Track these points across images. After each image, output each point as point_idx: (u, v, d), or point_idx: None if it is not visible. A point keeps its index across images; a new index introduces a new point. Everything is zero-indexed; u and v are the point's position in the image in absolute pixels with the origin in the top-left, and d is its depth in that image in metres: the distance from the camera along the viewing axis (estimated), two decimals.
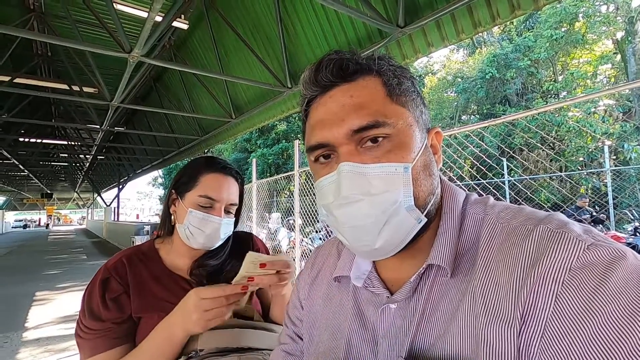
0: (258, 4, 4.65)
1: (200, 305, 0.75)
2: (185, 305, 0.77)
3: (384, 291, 0.49)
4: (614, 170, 8.42)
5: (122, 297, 0.86)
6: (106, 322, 0.83)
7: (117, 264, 0.91)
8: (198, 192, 0.92)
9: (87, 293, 0.87)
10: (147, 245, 1.01)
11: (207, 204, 0.91)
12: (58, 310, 5.05)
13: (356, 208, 0.42)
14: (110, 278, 0.87)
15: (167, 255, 0.98)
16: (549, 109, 2.82)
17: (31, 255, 12.75)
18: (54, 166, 20.95)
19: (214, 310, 0.75)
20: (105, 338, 0.82)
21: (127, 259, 0.92)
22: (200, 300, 0.75)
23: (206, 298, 0.75)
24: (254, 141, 20.21)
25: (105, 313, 0.83)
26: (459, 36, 3.15)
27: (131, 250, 0.96)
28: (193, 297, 0.76)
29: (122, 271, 0.89)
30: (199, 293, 0.76)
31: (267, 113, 6.06)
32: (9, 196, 39.85)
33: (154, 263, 0.95)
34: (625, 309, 0.30)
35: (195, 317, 0.75)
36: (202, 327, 0.76)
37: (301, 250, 5.14)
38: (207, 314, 0.75)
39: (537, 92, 14.23)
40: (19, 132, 11.13)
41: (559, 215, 0.41)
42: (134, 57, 3.83)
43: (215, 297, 0.75)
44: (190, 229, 0.90)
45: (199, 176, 0.94)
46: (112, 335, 0.83)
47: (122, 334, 0.84)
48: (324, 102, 0.46)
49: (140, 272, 0.91)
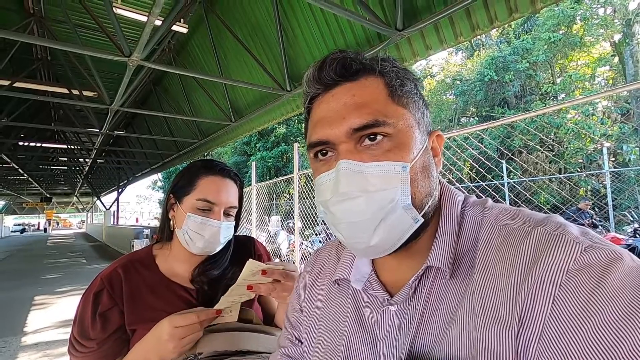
0: (257, 7, 4.67)
1: (175, 334, 0.74)
2: (160, 334, 0.76)
3: (384, 293, 0.49)
4: (613, 171, 8.43)
5: (111, 312, 0.85)
6: (93, 340, 0.83)
7: (112, 275, 0.88)
8: (196, 196, 0.90)
9: (81, 304, 0.86)
10: (144, 252, 0.98)
11: (206, 207, 0.89)
12: (57, 314, 5.03)
13: (353, 204, 0.42)
14: (103, 291, 0.86)
15: (164, 262, 0.95)
16: (547, 111, 2.83)
17: (30, 259, 12.72)
18: (53, 170, 20.93)
19: (189, 337, 0.75)
20: (93, 356, 0.84)
21: (123, 269, 0.90)
22: (175, 329, 0.74)
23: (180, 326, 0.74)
24: (254, 144, 20.22)
25: (94, 332, 0.83)
26: (457, 39, 3.17)
27: (127, 259, 0.94)
28: (167, 327, 0.75)
29: (116, 283, 0.87)
30: (172, 322, 0.75)
31: (267, 116, 6.07)
32: (9, 200, 39.81)
33: (150, 271, 0.93)
34: (622, 311, 0.30)
35: (171, 346, 0.74)
36: (178, 354, 0.76)
37: (301, 253, 5.13)
38: (183, 341, 0.74)
39: (536, 94, 14.28)
40: (19, 136, 11.14)
41: (556, 218, 0.41)
42: (134, 61, 3.84)
43: (189, 325, 0.74)
44: (189, 234, 0.88)
45: (197, 179, 0.92)
46: (100, 355, 0.84)
47: (110, 351, 0.85)
48: (326, 100, 0.46)
49: (136, 282, 0.89)
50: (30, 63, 7.09)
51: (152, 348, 0.77)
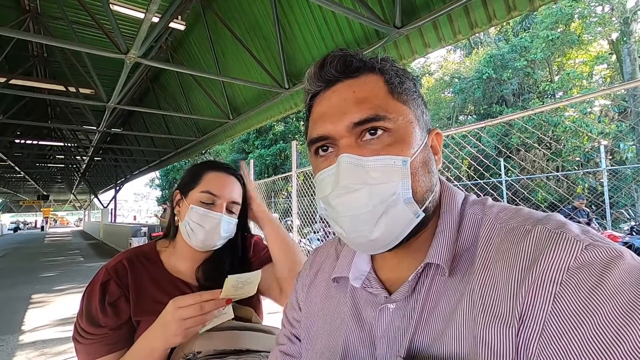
0: (255, 5, 4.65)
1: (178, 314, 0.74)
2: (164, 316, 0.77)
3: (382, 291, 0.49)
4: (610, 169, 8.48)
5: (120, 301, 0.86)
6: (104, 327, 0.82)
7: (118, 266, 0.90)
8: (200, 189, 0.92)
9: (86, 294, 0.86)
10: (148, 247, 0.99)
11: (209, 200, 0.92)
12: (55, 312, 5.01)
13: (354, 197, 0.42)
14: (110, 281, 0.87)
15: (168, 258, 0.97)
16: (545, 109, 2.83)
17: (27, 258, 12.67)
18: (50, 168, 20.87)
19: (192, 319, 0.75)
20: (101, 344, 0.82)
21: (128, 261, 0.91)
22: (178, 310, 0.74)
23: (183, 306, 0.75)
24: (252, 142, 20.20)
25: (103, 319, 0.83)
26: (455, 37, 3.17)
27: (132, 252, 0.95)
28: (170, 307, 0.76)
29: (122, 273, 0.89)
30: (176, 302, 0.76)
31: (265, 114, 6.06)
32: (5, 198, 39.64)
33: (155, 266, 0.94)
34: (622, 308, 0.30)
35: (174, 327, 0.74)
36: (181, 337, 0.76)
37: None
38: (185, 322, 0.74)
39: (534, 92, 14.32)
40: (15, 133, 11.08)
41: (556, 216, 0.41)
42: (131, 58, 3.82)
43: (192, 304, 0.75)
44: (190, 225, 0.90)
45: (202, 175, 0.95)
46: (109, 341, 0.83)
47: (119, 339, 0.84)
48: (327, 97, 0.46)
49: (141, 274, 0.90)
50: (27, 60, 7.05)
51: (158, 334, 0.77)
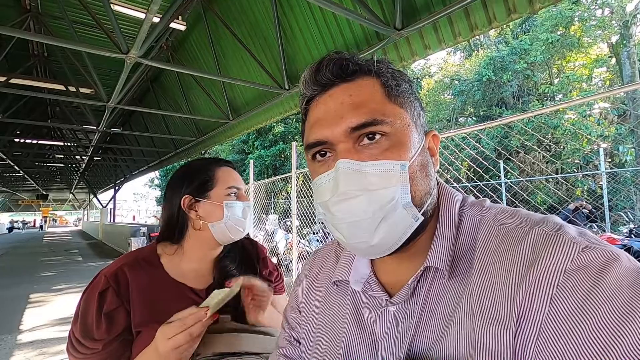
0: (256, 5, 4.66)
1: (169, 345, 0.73)
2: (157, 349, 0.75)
3: (383, 294, 0.49)
4: (610, 172, 8.48)
5: (117, 312, 0.83)
6: (97, 341, 0.80)
7: (118, 273, 0.85)
8: (223, 186, 0.93)
9: (83, 302, 0.83)
10: (148, 250, 0.95)
11: (235, 193, 0.94)
12: (53, 312, 5.00)
13: (354, 204, 0.42)
14: (109, 289, 0.83)
15: (170, 262, 0.93)
16: (545, 112, 2.84)
17: (26, 257, 12.64)
18: (49, 167, 20.84)
19: (184, 346, 0.74)
20: (95, 358, 0.81)
21: (129, 268, 0.87)
22: (167, 341, 0.73)
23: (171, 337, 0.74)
24: (252, 143, 20.19)
25: (97, 332, 0.80)
26: (455, 39, 3.17)
27: (132, 258, 0.91)
28: (159, 339, 0.75)
29: (122, 282, 0.84)
30: (164, 334, 0.74)
31: (265, 115, 6.06)
32: (4, 197, 39.56)
33: (157, 271, 0.90)
34: (619, 310, 0.31)
35: (173, 356, 0.74)
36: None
37: (298, 252, 5.14)
38: (178, 350, 0.74)
39: (533, 94, 14.33)
40: (15, 132, 11.07)
41: (554, 218, 0.42)
42: (131, 58, 3.82)
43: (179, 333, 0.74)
44: (232, 221, 0.91)
45: (214, 173, 0.94)
46: (102, 356, 0.81)
47: (113, 353, 0.83)
48: (323, 101, 0.46)
49: (143, 282, 0.86)
50: (27, 59, 7.05)
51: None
